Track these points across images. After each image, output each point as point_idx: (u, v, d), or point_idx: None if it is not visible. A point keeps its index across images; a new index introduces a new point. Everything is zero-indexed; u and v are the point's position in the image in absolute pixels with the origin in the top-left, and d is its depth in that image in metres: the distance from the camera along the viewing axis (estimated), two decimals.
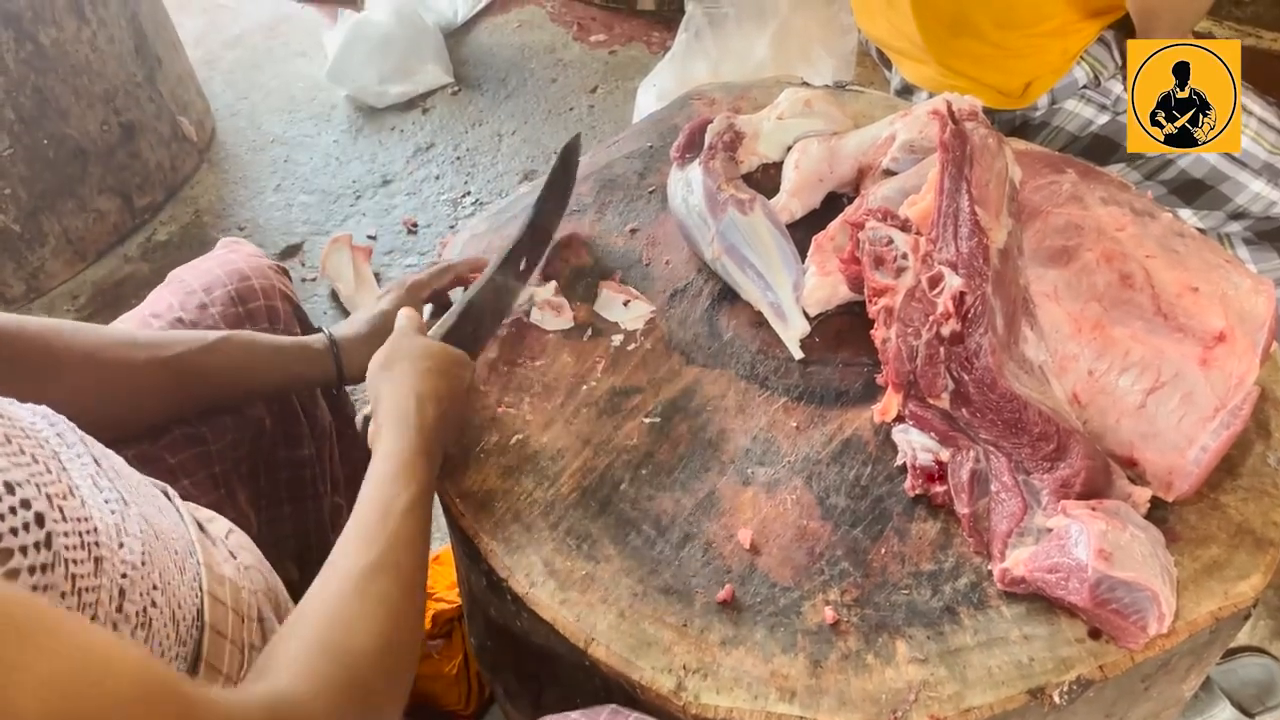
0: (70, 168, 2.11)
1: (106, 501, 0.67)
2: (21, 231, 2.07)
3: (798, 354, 1.07)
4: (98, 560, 0.62)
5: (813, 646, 0.84)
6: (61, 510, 0.60)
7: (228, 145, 2.55)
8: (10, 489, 0.56)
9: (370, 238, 2.27)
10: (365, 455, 1.29)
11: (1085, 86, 1.50)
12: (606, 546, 0.92)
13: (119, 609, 0.64)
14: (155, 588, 0.68)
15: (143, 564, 0.67)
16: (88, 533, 0.62)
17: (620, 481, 0.97)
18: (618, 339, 1.10)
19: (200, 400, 0.99)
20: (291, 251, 2.26)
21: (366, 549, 0.76)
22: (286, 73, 2.78)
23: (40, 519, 0.57)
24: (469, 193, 2.38)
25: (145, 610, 0.66)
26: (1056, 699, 0.80)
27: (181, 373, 0.94)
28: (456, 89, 2.67)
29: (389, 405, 0.87)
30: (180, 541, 0.76)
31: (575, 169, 1.25)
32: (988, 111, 1.15)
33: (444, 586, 1.48)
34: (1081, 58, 1.48)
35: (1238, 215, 1.51)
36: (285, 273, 1.16)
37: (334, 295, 2.12)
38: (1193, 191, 1.51)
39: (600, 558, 0.91)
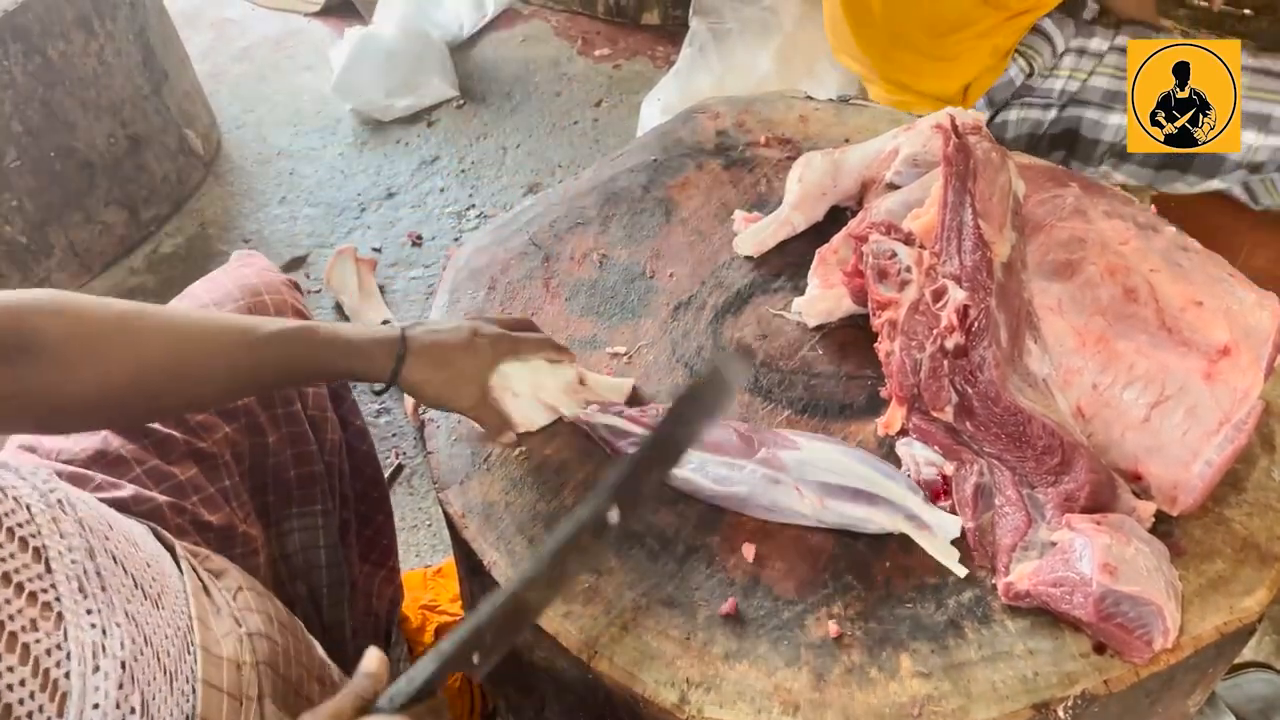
0: (77, 180, 2.12)
1: (89, 612, 0.64)
2: (28, 243, 2.08)
3: (961, 570, 0.89)
4: (64, 696, 0.61)
5: (816, 660, 0.84)
6: (26, 648, 0.58)
7: (234, 158, 2.57)
8: None
9: (375, 250, 2.28)
10: (375, 471, 1.30)
11: (1021, 86, 1.53)
12: (610, 559, 0.92)
13: None
14: (133, 711, 0.65)
15: (120, 687, 0.64)
16: (57, 665, 0.60)
17: None
18: (620, 350, 1.10)
19: (262, 385, 0.94)
20: (296, 264, 2.27)
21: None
22: (292, 86, 2.80)
23: None
24: (473, 205, 2.39)
25: None
26: (1061, 714, 0.80)
27: (259, 360, 0.88)
28: (461, 103, 2.68)
29: None
30: (176, 637, 0.73)
31: (719, 404, 0.87)
32: None
33: (447, 599, 1.48)
34: (1016, 53, 1.51)
35: None
36: (297, 287, 1.16)
37: (338, 308, 2.13)
38: None
39: (603, 570, 0.91)
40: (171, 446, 0.98)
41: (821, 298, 1.09)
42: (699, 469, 0.95)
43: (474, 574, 0.98)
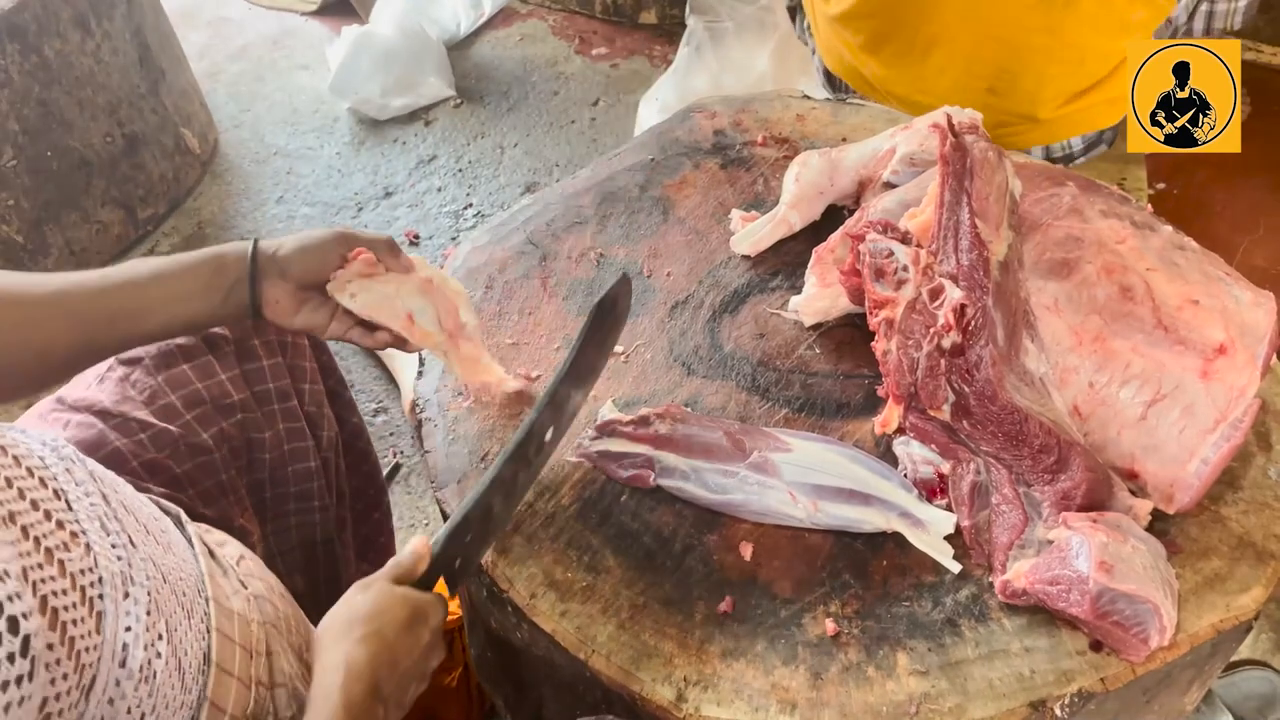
0: (74, 179, 2.12)
1: (114, 546, 0.67)
2: (25, 242, 2.08)
3: (955, 566, 0.90)
4: (99, 615, 0.62)
5: (813, 658, 0.84)
6: (62, 564, 0.60)
7: (231, 157, 2.56)
8: None
9: None
10: (373, 468, 1.30)
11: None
12: (607, 558, 0.92)
13: (122, 664, 0.63)
14: (160, 638, 0.68)
15: (148, 614, 0.67)
16: (91, 585, 0.62)
17: (621, 493, 0.97)
18: (618, 349, 1.10)
19: (104, 346, 0.92)
20: None
21: None
22: (290, 85, 2.79)
23: (14, 624, 0.53)
24: (471, 204, 2.39)
25: (150, 662, 0.66)
26: (1058, 712, 0.80)
27: (81, 316, 0.88)
28: (459, 102, 2.68)
29: (314, 684, 0.76)
30: (189, 580, 0.76)
31: (621, 320, 1.02)
32: None
33: None
34: None
35: None
36: None
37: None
38: None
39: (601, 569, 0.91)
40: (166, 441, 0.98)
41: (818, 296, 1.09)
42: (692, 477, 0.95)
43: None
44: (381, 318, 0.96)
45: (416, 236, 2.30)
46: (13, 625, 0.52)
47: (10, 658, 0.52)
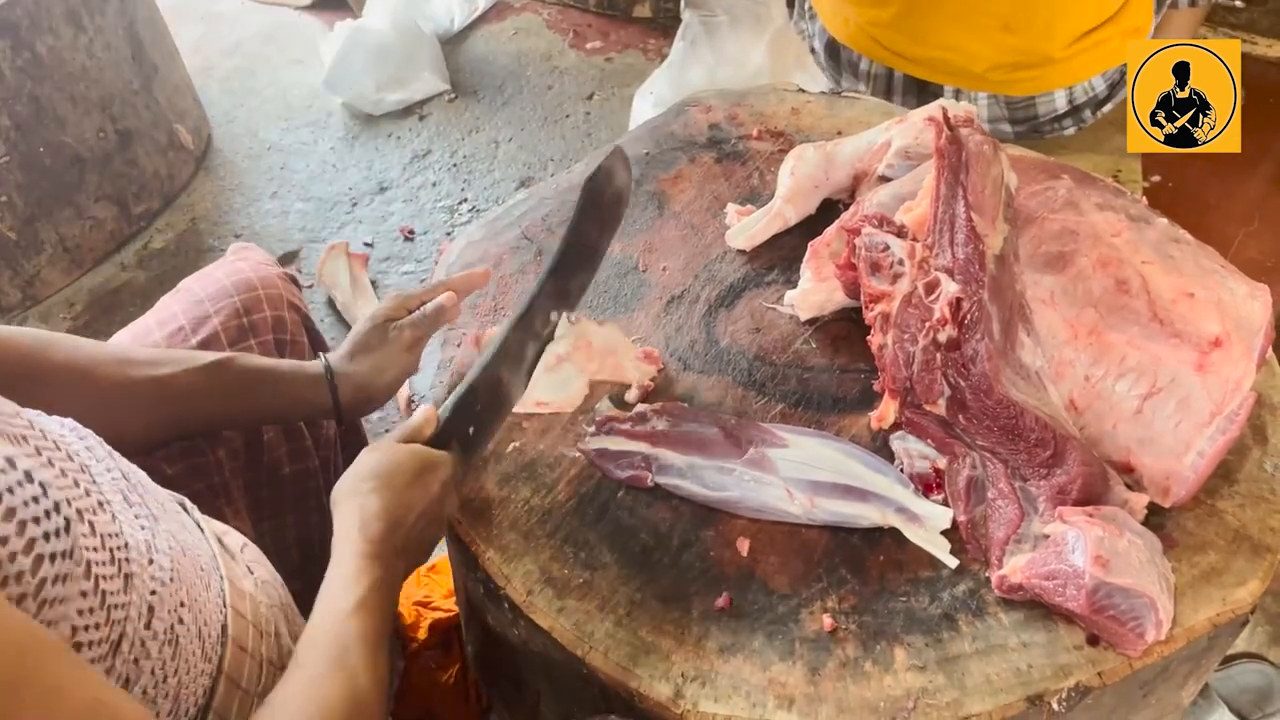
0: (67, 175, 2.11)
1: (137, 517, 0.68)
2: (18, 239, 2.07)
3: (951, 561, 0.89)
4: (128, 577, 0.63)
5: (811, 654, 0.84)
6: (91, 525, 0.60)
7: (224, 153, 2.56)
8: (30, 477, 0.56)
9: (367, 245, 2.27)
10: None
11: None
12: (604, 554, 0.92)
13: (147, 625, 0.64)
14: (183, 604, 0.68)
15: (171, 580, 0.67)
16: (119, 548, 0.62)
17: (618, 489, 0.97)
18: None
19: (191, 423, 0.97)
20: (288, 259, 2.26)
21: (317, 656, 0.72)
22: (283, 80, 2.79)
23: (67, 525, 0.57)
24: (466, 200, 2.38)
25: (173, 627, 0.67)
26: (1055, 706, 0.80)
27: (176, 393, 0.92)
28: (453, 96, 2.67)
29: (336, 529, 0.82)
30: (204, 557, 0.76)
31: (618, 198, 1.05)
32: None
33: (441, 595, 1.48)
34: None
35: None
36: (294, 281, 1.16)
37: (331, 303, 2.12)
38: None
39: (598, 565, 0.91)
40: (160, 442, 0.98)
41: (814, 291, 1.09)
42: (689, 474, 0.95)
43: (468, 570, 0.97)
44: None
45: (411, 232, 2.29)
46: (66, 524, 0.56)
47: (56, 533, 0.56)
